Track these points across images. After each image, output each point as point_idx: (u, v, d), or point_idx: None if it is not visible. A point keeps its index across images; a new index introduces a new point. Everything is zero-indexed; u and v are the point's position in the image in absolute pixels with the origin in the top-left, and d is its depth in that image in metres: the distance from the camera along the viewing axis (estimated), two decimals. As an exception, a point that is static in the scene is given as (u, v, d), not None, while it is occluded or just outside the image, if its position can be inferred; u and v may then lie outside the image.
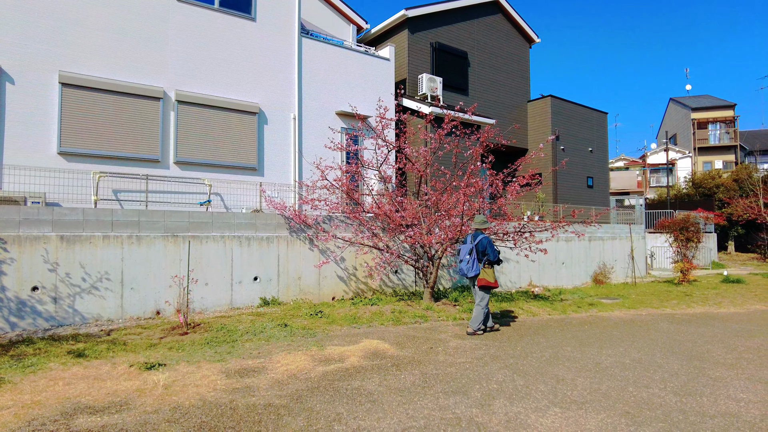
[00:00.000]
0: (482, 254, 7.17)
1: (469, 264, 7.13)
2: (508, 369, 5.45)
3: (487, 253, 7.17)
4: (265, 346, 6.21)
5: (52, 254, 7.43)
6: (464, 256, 7.23)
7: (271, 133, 11.58)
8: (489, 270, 7.20)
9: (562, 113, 18.77)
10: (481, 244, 7.19)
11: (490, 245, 7.23)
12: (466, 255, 7.19)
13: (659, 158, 37.08)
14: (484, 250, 7.16)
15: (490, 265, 7.24)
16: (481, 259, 7.18)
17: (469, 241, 7.36)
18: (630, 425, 3.94)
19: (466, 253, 7.22)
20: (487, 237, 7.31)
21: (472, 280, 7.36)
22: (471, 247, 7.20)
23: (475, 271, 7.12)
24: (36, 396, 4.34)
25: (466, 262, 7.16)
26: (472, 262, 7.11)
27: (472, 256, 7.14)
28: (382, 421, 3.91)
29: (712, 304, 11.04)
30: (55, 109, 9.07)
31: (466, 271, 7.18)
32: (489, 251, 7.17)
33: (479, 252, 7.17)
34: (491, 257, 7.20)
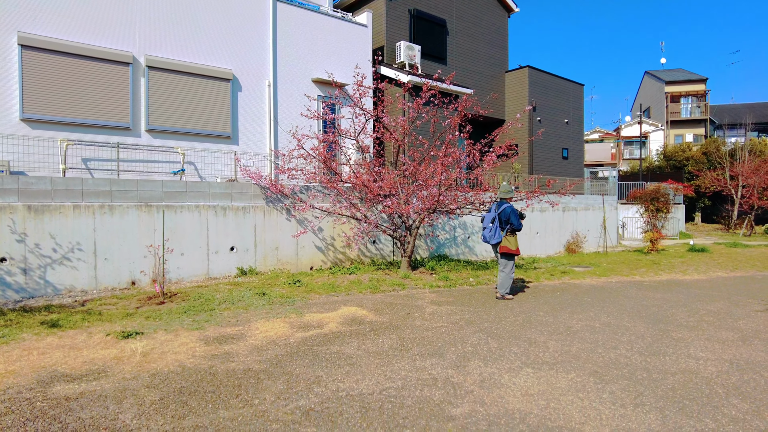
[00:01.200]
0: (505, 222, 7.40)
1: (491, 232, 7.40)
2: (483, 333, 5.61)
3: (510, 221, 7.39)
4: (243, 314, 6.23)
5: (20, 224, 7.20)
6: (487, 224, 7.52)
7: (246, 101, 11.31)
8: (512, 238, 7.46)
9: (539, 84, 18.81)
10: (504, 213, 7.40)
11: (514, 214, 7.44)
12: (489, 223, 7.48)
13: (633, 131, 37.73)
14: (508, 219, 7.39)
15: (512, 233, 7.48)
16: (504, 227, 7.41)
17: (493, 209, 7.60)
18: (598, 383, 4.13)
19: (488, 221, 7.50)
20: (511, 206, 7.52)
21: (495, 247, 7.61)
22: (494, 216, 7.45)
23: (497, 239, 7.40)
24: (10, 366, 4.28)
25: (489, 230, 7.45)
26: (495, 230, 7.38)
27: (495, 224, 7.40)
28: (361, 382, 4.00)
29: (678, 271, 11.48)
30: (16, 73, 8.63)
31: (489, 238, 7.47)
32: (513, 219, 7.40)
33: (502, 220, 7.40)
34: (515, 225, 7.42)
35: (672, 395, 3.89)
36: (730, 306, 7.46)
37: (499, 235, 7.41)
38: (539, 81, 18.86)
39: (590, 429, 3.29)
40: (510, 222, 7.40)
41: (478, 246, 13.11)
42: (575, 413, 3.53)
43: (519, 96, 18.59)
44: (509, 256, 7.50)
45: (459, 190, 9.64)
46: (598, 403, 3.71)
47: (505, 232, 7.43)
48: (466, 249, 12.81)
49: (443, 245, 12.27)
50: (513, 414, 3.49)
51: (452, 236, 12.47)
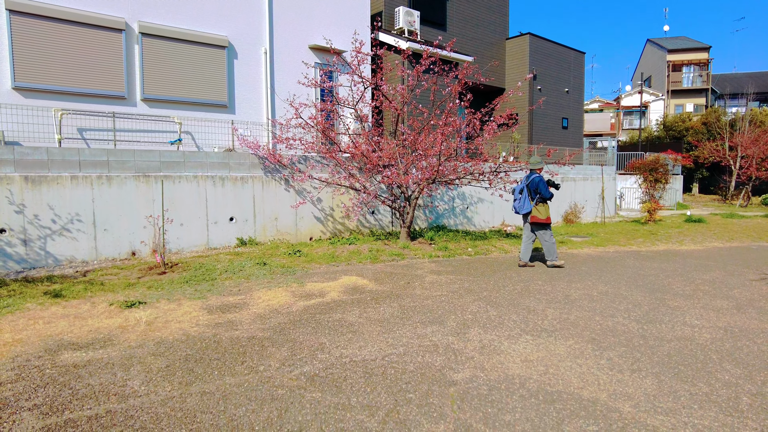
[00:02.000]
0: (534, 192, 7.57)
1: (521, 202, 7.62)
2: (482, 301, 5.69)
3: (539, 191, 7.56)
4: (245, 284, 6.28)
5: (17, 195, 7.16)
6: (517, 195, 7.74)
7: (242, 69, 11.09)
8: (541, 207, 7.63)
9: (540, 52, 18.49)
10: (533, 183, 7.57)
11: (542, 184, 7.59)
12: (518, 194, 7.69)
13: (633, 100, 37.33)
14: (536, 189, 7.55)
15: (542, 202, 7.64)
16: (533, 197, 7.59)
17: (523, 181, 7.78)
18: (596, 350, 4.22)
19: (518, 192, 7.70)
20: (540, 176, 7.66)
21: (525, 217, 7.79)
22: (523, 186, 7.65)
23: (527, 209, 7.60)
24: (17, 335, 4.33)
25: (519, 200, 7.68)
26: (524, 200, 7.59)
27: (524, 195, 7.61)
28: (364, 349, 4.08)
29: (675, 242, 11.58)
30: (5, 39, 8.41)
31: (519, 209, 7.69)
32: (542, 189, 7.56)
33: (531, 190, 7.58)
34: (545, 195, 7.58)
35: (668, 361, 3.98)
36: (725, 275, 7.56)
37: (528, 205, 7.59)
38: (540, 49, 18.52)
39: (588, 394, 3.37)
40: (539, 192, 7.57)
41: (477, 217, 13.14)
42: (574, 378, 3.61)
43: (519, 64, 18.29)
44: (544, 226, 7.69)
45: (459, 160, 9.59)
46: (596, 369, 3.80)
47: (535, 202, 7.60)
48: (464, 219, 12.84)
49: (442, 216, 12.29)
50: (513, 379, 3.57)
51: (451, 207, 12.49)
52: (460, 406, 3.14)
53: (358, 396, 3.23)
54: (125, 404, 3.09)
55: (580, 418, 3.03)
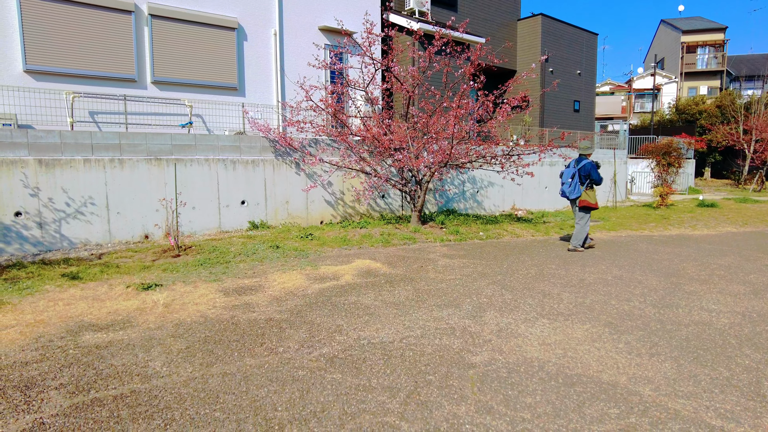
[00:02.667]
0: (585, 177, 7.64)
1: (571, 187, 7.67)
2: (497, 285, 5.68)
3: (591, 176, 7.63)
4: (259, 267, 6.31)
5: (32, 179, 7.20)
6: (566, 180, 7.78)
7: (252, 51, 10.99)
8: (591, 192, 7.73)
9: (551, 33, 18.15)
10: (584, 168, 7.62)
11: (594, 169, 7.66)
12: (569, 179, 7.72)
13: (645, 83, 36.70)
14: (588, 174, 7.62)
15: (591, 187, 7.72)
16: (584, 182, 7.66)
17: (572, 165, 7.80)
18: (613, 334, 4.20)
19: (568, 177, 7.75)
20: (591, 161, 7.70)
21: (573, 201, 7.86)
22: (574, 171, 7.66)
23: (577, 194, 7.67)
24: (38, 316, 4.38)
25: (568, 185, 7.73)
26: (575, 185, 7.65)
27: (575, 180, 7.64)
28: (381, 331, 4.09)
29: (688, 226, 11.47)
30: (16, 22, 8.37)
31: (569, 193, 7.73)
32: (593, 174, 7.64)
33: (582, 175, 7.64)
34: (596, 179, 7.66)
35: (686, 345, 3.96)
36: (740, 260, 7.49)
37: (579, 190, 7.66)
38: (552, 30, 18.18)
39: (608, 377, 3.37)
40: (590, 177, 7.64)
41: (487, 201, 13.08)
42: (592, 362, 3.61)
43: (531, 46, 17.99)
44: (587, 210, 7.79)
45: (471, 144, 9.49)
46: (614, 353, 3.79)
47: (585, 186, 7.68)
48: (474, 204, 12.78)
49: (452, 200, 12.24)
50: (531, 362, 3.57)
51: (461, 191, 12.42)
52: (480, 388, 3.15)
53: (378, 377, 3.25)
54: (148, 384, 3.13)
55: (600, 401, 3.03)
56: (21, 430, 2.60)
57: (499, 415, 2.84)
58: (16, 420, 2.69)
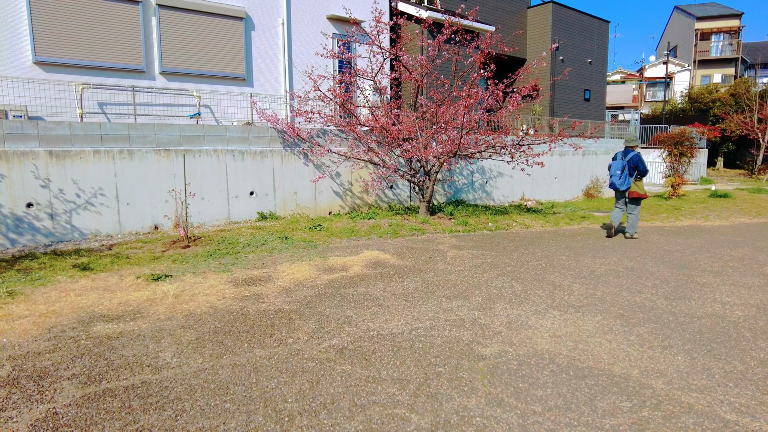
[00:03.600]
0: (633, 169, 7.89)
1: (621, 179, 7.93)
2: (506, 276, 5.64)
3: (639, 168, 7.90)
4: (268, 257, 6.31)
5: (43, 170, 7.24)
6: (615, 172, 8.03)
7: (259, 40, 10.93)
8: (639, 183, 8.04)
9: (562, 21, 17.88)
10: (632, 161, 7.88)
11: (641, 161, 7.93)
12: (617, 171, 7.97)
13: (657, 72, 36.09)
14: (636, 166, 7.88)
15: (639, 178, 8.02)
16: (632, 173, 7.92)
17: (620, 158, 8.04)
18: (625, 326, 4.16)
19: (617, 169, 7.99)
20: (638, 153, 7.94)
21: (622, 193, 8.17)
22: (623, 164, 7.92)
23: (627, 185, 7.94)
24: (50, 306, 4.42)
25: (618, 177, 7.97)
26: (624, 177, 7.91)
27: (624, 172, 7.90)
28: (390, 322, 4.08)
29: (700, 217, 11.32)
30: (24, 14, 8.37)
31: (619, 185, 7.99)
32: (641, 166, 7.92)
33: (630, 167, 7.89)
34: (643, 170, 7.95)
35: (699, 338, 3.91)
36: (754, 252, 7.38)
37: (629, 181, 7.92)
38: (563, 18, 17.90)
39: (619, 370, 3.34)
40: (638, 168, 7.90)
41: (496, 191, 12.99)
42: (604, 354, 3.58)
43: (541, 34, 17.73)
44: (637, 200, 8.13)
45: (480, 133, 9.40)
46: (626, 345, 3.75)
47: (634, 178, 7.94)
48: (483, 194, 12.70)
49: (460, 190, 12.17)
50: (542, 354, 3.54)
51: (470, 181, 12.34)
52: (490, 380, 3.13)
53: (387, 369, 3.24)
54: (159, 375, 3.15)
55: (612, 394, 3.00)
56: (35, 419, 2.62)
57: (510, 407, 2.82)
58: (29, 410, 2.72)
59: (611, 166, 8.18)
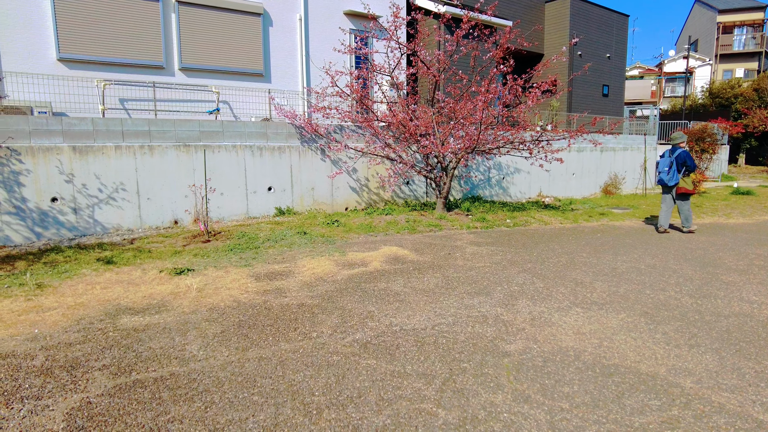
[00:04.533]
0: (681, 165, 8.15)
1: (670, 175, 8.21)
2: (527, 273, 5.60)
3: (687, 164, 8.14)
4: (288, 252, 6.36)
5: (67, 165, 7.37)
6: (663, 168, 8.33)
7: (277, 36, 10.97)
8: (687, 179, 8.29)
9: (580, 15, 17.63)
10: (680, 157, 8.12)
11: (689, 157, 8.18)
12: (665, 167, 8.26)
13: (676, 66, 35.44)
14: (684, 162, 8.12)
15: (687, 174, 8.28)
16: (680, 170, 8.18)
17: (668, 155, 8.32)
18: (650, 324, 4.11)
19: (665, 166, 8.28)
20: (686, 150, 8.18)
21: (670, 189, 8.41)
22: (671, 161, 8.18)
23: (675, 181, 8.20)
24: (78, 299, 4.51)
25: (666, 173, 8.28)
26: (672, 173, 8.18)
27: (672, 168, 8.18)
28: (412, 318, 4.08)
29: (722, 215, 11.11)
30: (49, 12, 8.51)
31: (667, 181, 8.27)
32: (689, 163, 8.16)
33: (678, 164, 8.15)
34: (691, 167, 8.20)
35: (727, 337, 3.85)
36: (781, 249, 7.22)
37: (677, 177, 8.17)
38: (581, 12, 17.65)
39: (646, 368, 3.30)
40: (686, 164, 8.13)
41: (513, 187, 12.90)
42: (629, 352, 3.54)
43: (559, 28, 17.51)
44: (686, 196, 8.35)
45: (498, 129, 9.33)
46: (651, 343, 3.70)
47: (682, 174, 8.19)
48: (500, 190, 12.62)
49: (477, 186, 12.10)
50: (567, 351, 3.52)
51: (487, 177, 12.27)
52: (516, 376, 3.12)
53: (412, 364, 3.24)
54: (187, 368, 3.19)
55: (640, 392, 2.97)
56: (70, 408, 2.68)
57: (537, 404, 2.81)
58: (64, 398, 2.78)
59: (659, 163, 8.50)
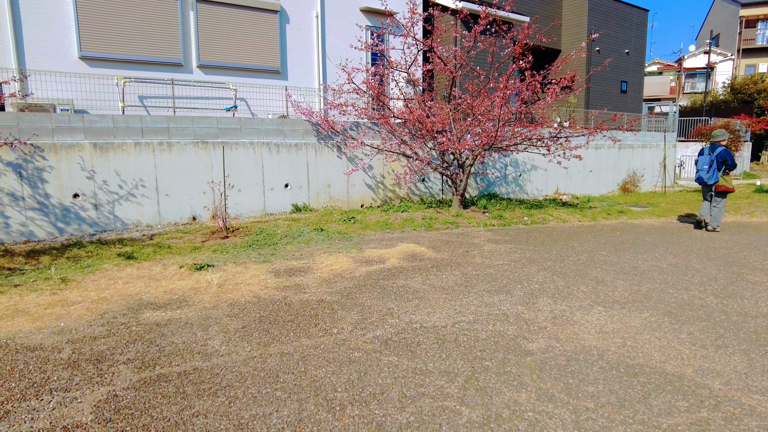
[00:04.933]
0: (721, 163, 8.09)
1: (709, 173, 8.15)
2: (547, 271, 5.54)
3: (727, 162, 8.11)
4: (305, 249, 6.38)
5: (88, 162, 7.47)
6: (702, 167, 8.26)
7: (294, 33, 10.99)
8: (727, 177, 8.27)
9: (599, 10, 17.36)
10: (721, 155, 8.06)
11: (729, 155, 8.14)
12: (705, 165, 8.20)
13: (696, 62, 34.75)
14: (724, 160, 8.08)
15: (727, 172, 8.25)
16: (720, 168, 8.12)
17: (707, 153, 8.27)
18: (674, 323, 4.03)
19: (705, 164, 8.21)
20: (725, 148, 8.13)
21: (709, 187, 8.35)
22: (712, 159, 8.12)
23: (715, 179, 8.14)
24: (101, 293, 4.58)
25: (706, 171, 8.21)
26: (712, 171, 8.12)
27: (712, 166, 8.11)
28: (432, 315, 4.06)
29: (745, 213, 10.87)
30: (71, 10, 8.63)
31: (707, 179, 8.21)
32: (730, 160, 8.13)
33: (719, 162, 8.10)
34: (732, 165, 8.18)
35: (755, 338, 3.76)
36: (808, 249, 7.04)
37: (717, 175, 8.10)
38: (599, 7, 17.39)
39: (672, 368, 3.24)
40: (726, 162, 8.09)
41: (529, 185, 12.77)
42: (654, 352, 3.47)
43: (577, 24, 17.28)
44: (724, 194, 8.30)
45: (516, 126, 9.24)
46: (676, 343, 3.64)
47: (721, 172, 8.13)
48: (516, 188, 12.51)
49: (493, 183, 12.01)
50: (590, 350, 3.47)
51: (503, 174, 12.17)
52: (539, 375, 3.08)
53: (434, 362, 3.23)
54: (209, 362, 3.22)
55: (667, 393, 2.91)
56: (97, 400, 2.72)
57: (562, 403, 2.77)
58: (92, 391, 2.82)
59: (698, 161, 8.42)
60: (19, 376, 3.00)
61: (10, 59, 8.26)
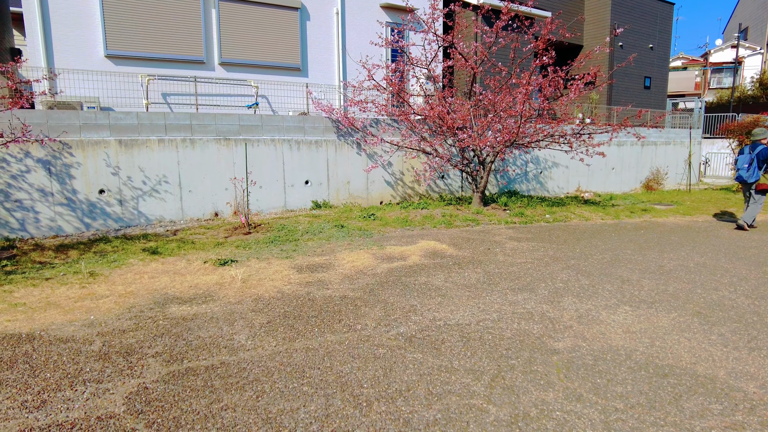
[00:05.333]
0: (762, 162, 8.04)
1: (749, 172, 8.12)
2: (571, 269, 5.47)
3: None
4: (326, 245, 6.40)
5: (113, 158, 7.62)
6: (742, 165, 8.22)
7: (314, 30, 11.03)
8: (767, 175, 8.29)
9: (622, 4, 17.02)
10: (762, 154, 8.00)
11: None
12: (745, 164, 8.16)
13: (723, 56, 33.82)
14: (765, 158, 8.01)
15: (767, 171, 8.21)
16: (761, 166, 8.07)
17: (747, 151, 8.23)
18: (703, 324, 3.94)
19: (745, 162, 8.17)
20: (766, 147, 8.03)
21: (750, 185, 8.27)
22: (752, 157, 8.08)
23: (755, 177, 8.10)
24: (127, 287, 4.66)
25: (745, 170, 8.18)
26: (753, 170, 8.08)
27: (753, 165, 8.07)
28: (456, 313, 4.04)
29: (775, 210, 10.57)
30: (97, 10, 8.80)
31: (747, 177, 8.17)
32: None
33: (760, 160, 8.05)
34: None
35: (790, 340, 3.65)
36: (842, 249, 6.81)
37: (757, 174, 8.06)
38: (623, 0, 17.03)
39: (703, 370, 3.17)
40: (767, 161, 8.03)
41: (550, 182, 12.62)
42: (684, 353, 3.40)
43: (599, 18, 16.97)
44: (765, 192, 8.21)
45: (538, 122, 9.12)
46: (707, 345, 3.55)
47: (762, 170, 8.09)
48: (537, 185, 12.37)
49: (513, 181, 11.90)
50: (617, 350, 3.41)
51: (524, 171, 12.04)
52: (566, 374, 3.04)
53: (459, 359, 3.21)
54: (236, 357, 3.25)
55: (699, 395, 2.85)
56: (128, 392, 2.77)
57: (590, 403, 2.74)
58: (123, 383, 2.88)
59: (737, 160, 8.40)
60: (54, 367, 3.07)
61: (40, 58, 8.46)
